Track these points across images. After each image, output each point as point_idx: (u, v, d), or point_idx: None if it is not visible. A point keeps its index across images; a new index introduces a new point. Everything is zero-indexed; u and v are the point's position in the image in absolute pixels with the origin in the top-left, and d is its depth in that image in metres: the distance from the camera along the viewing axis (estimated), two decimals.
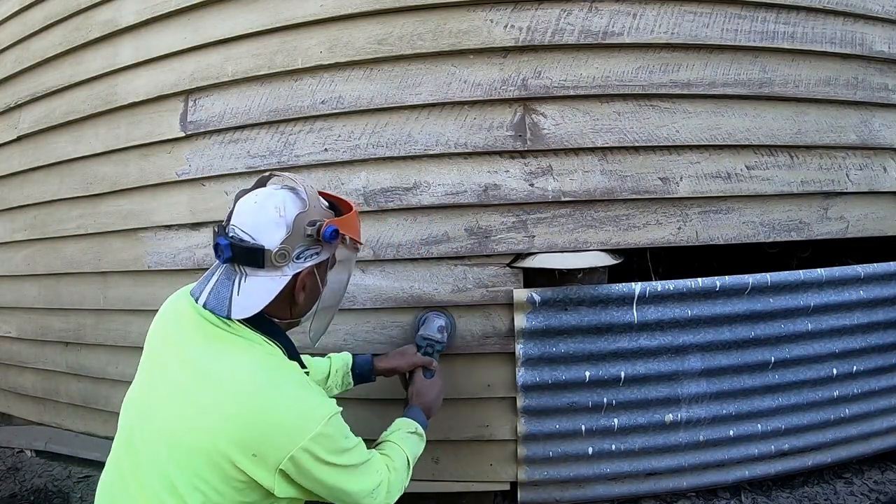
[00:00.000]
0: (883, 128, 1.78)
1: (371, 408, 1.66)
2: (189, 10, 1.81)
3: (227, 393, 0.87)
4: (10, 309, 2.48)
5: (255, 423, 0.85)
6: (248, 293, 0.91)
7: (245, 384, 0.87)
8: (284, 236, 0.92)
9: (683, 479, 1.78)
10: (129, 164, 1.97)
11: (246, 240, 0.92)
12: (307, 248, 0.95)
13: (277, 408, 0.87)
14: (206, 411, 0.87)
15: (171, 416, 0.90)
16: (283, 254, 0.91)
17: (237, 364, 0.90)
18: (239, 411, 0.85)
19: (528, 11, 1.59)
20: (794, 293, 1.70)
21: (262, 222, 0.92)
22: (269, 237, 0.91)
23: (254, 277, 0.92)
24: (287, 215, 0.93)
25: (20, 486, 2.22)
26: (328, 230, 0.94)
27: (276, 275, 0.92)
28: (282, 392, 0.89)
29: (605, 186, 1.61)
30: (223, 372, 0.89)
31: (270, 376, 0.90)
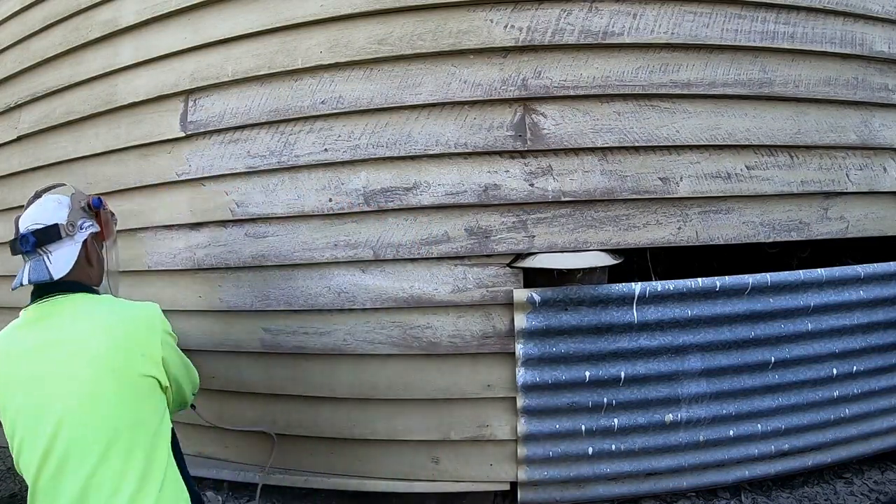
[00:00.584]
0: (883, 128, 1.78)
1: None
2: (189, 10, 1.81)
3: (94, 326, 1.06)
4: (10, 309, 2.47)
5: (128, 332, 1.07)
6: (57, 259, 1.13)
7: (100, 314, 1.09)
8: (67, 212, 1.17)
9: (683, 479, 1.78)
10: (129, 164, 1.97)
11: (39, 226, 1.14)
12: (85, 220, 1.20)
13: (132, 313, 1.12)
14: (90, 350, 1.03)
15: (70, 384, 1.02)
16: (72, 223, 1.16)
17: (82, 310, 1.10)
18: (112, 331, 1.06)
19: (528, 11, 1.59)
20: (794, 293, 1.70)
21: (47, 210, 1.16)
22: (56, 217, 1.15)
23: (57, 250, 1.13)
24: (62, 201, 1.19)
25: (20, 486, 2.22)
26: (95, 200, 1.24)
27: (71, 243, 1.15)
28: (125, 304, 1.14)
29: (605, 186, 1.61)
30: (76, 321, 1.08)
31: (108, 301, 1.15)
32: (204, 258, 1.83)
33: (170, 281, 1.91)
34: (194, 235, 1.86)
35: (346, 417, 1.77)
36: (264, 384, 1.81)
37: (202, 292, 1.85)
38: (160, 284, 1.93)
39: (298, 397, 1.80)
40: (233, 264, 1.79)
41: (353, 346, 1.71)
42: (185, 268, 1.87)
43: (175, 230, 1.90)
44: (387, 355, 1.70)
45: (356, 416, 1.76)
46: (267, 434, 1.82)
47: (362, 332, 1.71)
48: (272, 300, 1.76)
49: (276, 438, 1.77)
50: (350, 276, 1.69)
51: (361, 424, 1.76)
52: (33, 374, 1.04)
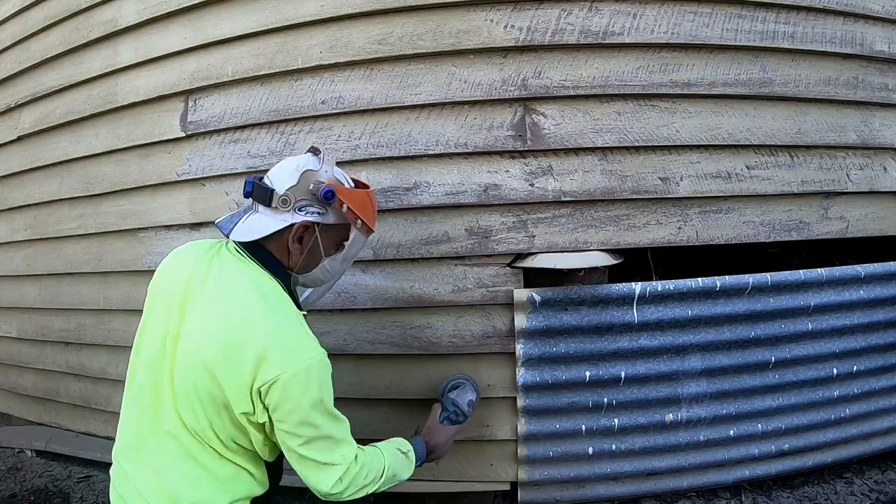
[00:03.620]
0: (883, 127, 1.78)
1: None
2: (189, 10, 1.81)
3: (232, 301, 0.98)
4: (10, 309, 2.48)
5: (259, 339, 0.93)
6: (250, 223, 1.05)
7: (253, 297, 0.98)
8: (291, 185, 1.05)
9: (684, 479, 1.78)
10: (130, 164, 1.97)
11: (265, 182, 1.07)
12: (310, 204, 1.06)
13: (280, 330, 0.96)
14: (210, 324, 0.97)
15: (191, 338, 0.99)
16: (286, 199, 1.04)
17: (249, 280, 1.01)
18: (245, 317, 0.96)
19: (528, 11, 1.59)
20: (795, 293, 1.70)
21: (281, 171, 1.07)
22: (280, 183, 1.05)
23: (259, 214, 1.06)
24: (300, 168, 1.06)
25: (20, 486, 2.22)
26: (324, 190, 1.05)
27: (277, 216, 1.05)
28: (283, 318, 0.99)
29: (605, 186, 1.61)
30: (233, 287, 1.00)
31: (272, 302, 1.01)
32: None
33: None
34: (194, 236, 1.86)
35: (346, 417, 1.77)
36: None
37: None
38: None
39: None
40: None
41: (353, 345, 1.71)
42: None
43: (175, 230, 1.90)
44: (387, 355, 1.71)
45: (356, 416, 1.76)
46: None
47: (363, 332, 1.71)
48: None
49: None
50: (350, 275, 1.69)
51: (361, 424, 1.75)
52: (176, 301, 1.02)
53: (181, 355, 0.99)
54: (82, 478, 2.24)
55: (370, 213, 1.16)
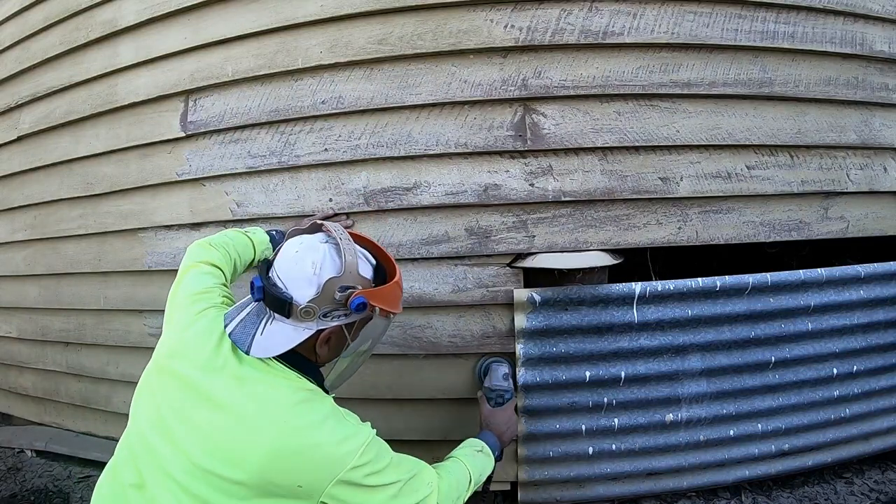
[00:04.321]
0: (883, 127, 1.78)
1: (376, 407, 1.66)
2: (189, 10, 1.81)
3: (263, 426, 0.89)
4: (10, 309, 2.48)
5: (291, 455, 0.88)
6: (271, 336, 0.94)
7: (280, 417, 0.90)
8: (313, 295, 0.94)
9: (684, 479, 1.78)
10: (130, 164, 1.97)
11: (279, 287, 0.95)
12: (335, 310, 0.96)
13: (313, 439, 0.90)
14: (241, 446, 0.88)
15: (200, 450, 0.90)
16: (309, 311, 0.94)
17: (270, 398, 0.92)
18: (276, 441, 0.88)
19: (528, 11, 1.59)
20: (795, 293, 1.70)
21: (297, 275, 0.95)
22: (299, 291, 0.94)
23: (279, 323, 0.95)
24: (321, 275, 0.95)
25: (20, 486, 2.22)
26: (356, 301, 0.95)
27: (300, 326, 0.95)
28: (317, 423, 0.92)
29: (605, 186, 1.61)
30: (256, 407, 0.91)
31: (304, 409, 0.93)
32: None
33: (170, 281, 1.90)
34: (195, 235, 1.86)
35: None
36: None
37: None
38: (160, 284, 1.93)
39: None
40: None
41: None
42: None
43: (175, 230, 1.90)
44: (387, 355, 1.70)
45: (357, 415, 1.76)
46: None
47: None
48: None
49: None
50: None
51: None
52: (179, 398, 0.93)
53: (175, 463, 0.91)
54: (82, 478, 2.24)
55: (399, 302, 1.07)
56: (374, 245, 1.12)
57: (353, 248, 1.01)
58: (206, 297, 1.10)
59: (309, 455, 0.89)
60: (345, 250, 0.98)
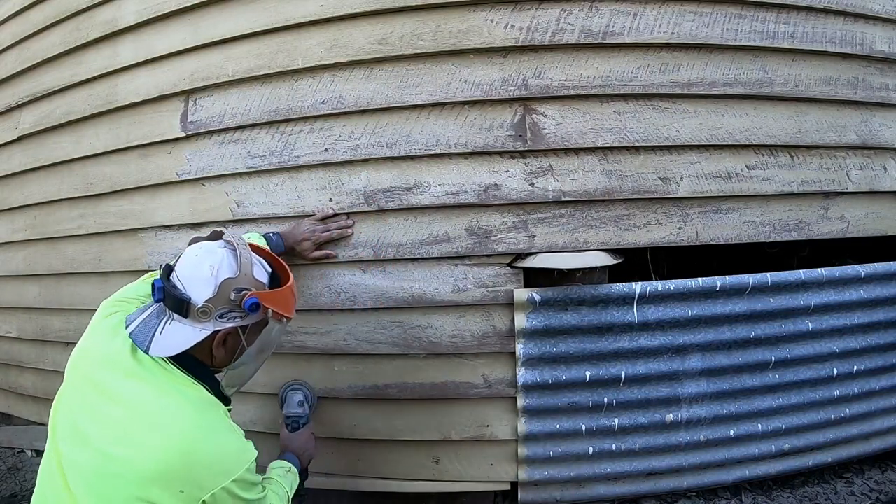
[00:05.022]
0: (883, 127, 1.78)
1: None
2: (189, 10, 1.81)
3: (155, 430, 0.93)
4: (10, 309, 2.48)
5: (182, 462, 0.91)
6: (169, 336, 0.99)
7: (174, 423, 0.94)
8: (210, 295, 0.99)
9: (684, 479, 1.78)
10: (130, 164, 1.97)
11: (178, 288, 1.00)
12: (230, 311, 1.01)
13: (205, 449, 0.94)
14: (136, 446, 0.92)
15: (98, 446, 0.94)
16: (205, 311, 0.98)
17: (169, 403, 0.96)
18: (168, 450, 0.91)
19: (528, 11, 1.59)
20: (795, 293, 1.70)
21: (195, 277, 1.00)
22: (197, 292, 0.99)
23: (178, 323, 0.99)
24: (218, 276, 1.00)
25: (20, 486, 2.22)
26: (248, 301, 1.01)
27: (198, 327, 1.00)
28: (209, 434, 0.96)
29: (605, 186, 1.61)
30: (154, 409, 0.95)
31: (201, 418, 0.97)
32: None
33: None
34: (195, 235, 1.86)
35: (346, 417, 1.77)
36: (264, 384, 1.81)
37: None
38: None
39: None
40: None
41: (353, 345, 1.71)
42: None
43: (175, 230, 1.90)
44: (387, 355, 1.71)
45: (357, 415, 1.76)
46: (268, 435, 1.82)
47: (363, 332, 1.71)
48: None
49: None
50: (350, 275, 1.69)
51: (362, 424, 1.76)
52: (93, 393, 0.98)
53: (91, 465, 0.94)
54: None
55: (292, 307, 1.13)
56: (272, 256, 1.20)
57: (249, 253, 1.07)
58: (119, 304, 1.15)
59: (200, 463, 0.93)
60: (241, 254, 1.04)
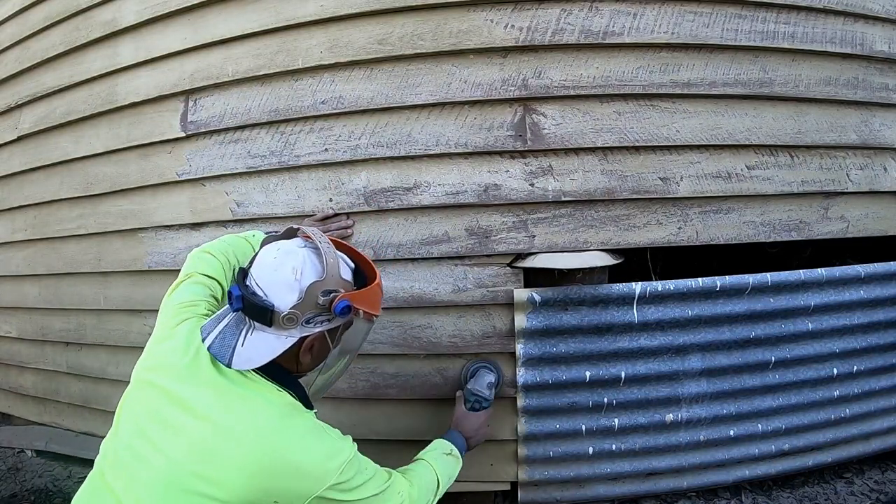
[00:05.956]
0: (883, 127, 1.78)
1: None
2: (189, 10, 1.81)
3: (244, 443, 0.87)
4: (10, 309, 2.48)
5: (273, 474, 0.86)
6: (252, 346, 0.91)
7: (262, 434, 0.88)
8: (296, 301, 0.92)
9: (684, 479, 1.78)
10: (130, 164, 1.97)
11: (259, 295, 0.92)
12: (318, 315, 0.94)
13: (296, 457, 0.89)
14: (221, 461, 0.87)
15: (179, 462, 0.88)
16: (292, 318, 0.91)
17: (252, 413, 0.90)
18: (258, 461, 0.86)
19: (528, 11, 1.59)
20: (795, 293, 1.70)
21: (277, 282, 0.93)
22: (280, 298, 0.92)
23: (261, 333, 0.92)
24: (302, 280, 0.93)
25: (21, 486, 2.22)
26: (340, 305, 0.94)
27: (283, 335, 0.92)
28: (299, 441, 0.90)
29: (605, 186, 1.61)
30: (237, 421, 0.89)
31: (286, 425, 0.91)
32: None
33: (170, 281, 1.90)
34: (195, 235, 1.86)
35: (346, 417, 1.77)
36: None
37: None
38: (161, 285, 1.93)
39: None
40: None
41: None
42: None
43: (175, 230, 1.90)
44: (387, 355, 1.70)
45: (357, 415, 1.76)
46: None
47: None
48: None
49: None
50: None
51: (362, 424, 1.76)
52: (168, 403, 0.91)
53: (163, 475, 0.88)
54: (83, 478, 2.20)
55: (379, 304, 1.06)
56: (351, 249, 1.11)
57: (333, 251, 0.99)
58: (189, 309, 1.07)
59: (290, 472, 0.88)
60: (325, 254, 0.96)
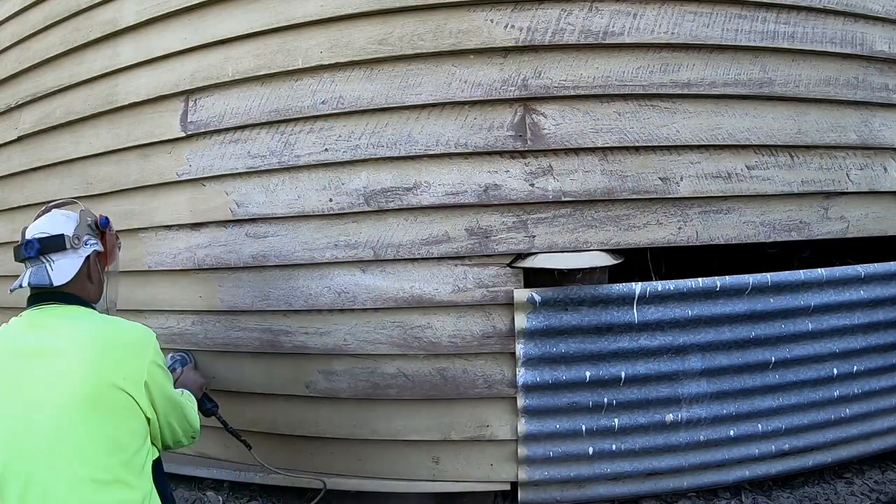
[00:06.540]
0: (883, 127, 1.78)
1: None
2: (189, 10, 1.81)
3: (77, 340, 1.06)
4: (10, 309, 2.47)
5: (111, 349, 1.07)
6: (59, 268, 1.15)
7: (88, 328, 1.10)
8: (75, 226, 1.21)
9: (684, 479, 1.77)
10: (130, 164, 1.97)
11: (47, 234, 1.17)
12: (90, 237, 1.24)
13: (121, 331, 1.13)
14: (68, 365, 1.03)
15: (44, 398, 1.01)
16: (77, 237, 1.19)
17: (74, 322, 1.11)
18: (94, 345, 1.06)
19: (528, 11, 1.59)
20: (795, 293, 1.70)
21: (56, 222, 1.20)
22: (63, 229, 1.19)
23: (60, 260, 1.16)
24: (71, 215, 1.23)
25: None
26: (102, 219, 1.29)
27: (74, 255, 1.18)
28: (116, 322, 1.17)
29: (605, 186, 1.61)
30: (64, 332, 1.08)
31: (101, 317, 1.17)
32: (204, 258, 1.83)
33: (170, 281, 1.91)
34: (195, 235, 1.86)
35: (346, 417, 1.77)
36: (264, 384, 1.82)
37: (202, 292, 1.85)
38: (160, 285, 1.93)
39: (299, 397, 1.80)
40: (233, 264, 1.79)
41: (353, 346, 1.71)
42: (185, 268, 1.87)
43: (175, 230, 1.90)
44: (387, 355, 1.70)
45: (357, 416, 1.76)
46: (268, 435, 1.82)
47: (363, 332, 1.71)
48: (272, 300, 1.76)
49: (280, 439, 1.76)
50: (350, 276, 1.69)
51: (362, 424, 1.76)
52: (15, 381, 1.04)
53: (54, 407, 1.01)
54: None
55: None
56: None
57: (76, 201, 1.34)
58: None
59: (123, 341, 1.10)
60: (72, 202, 1.31)
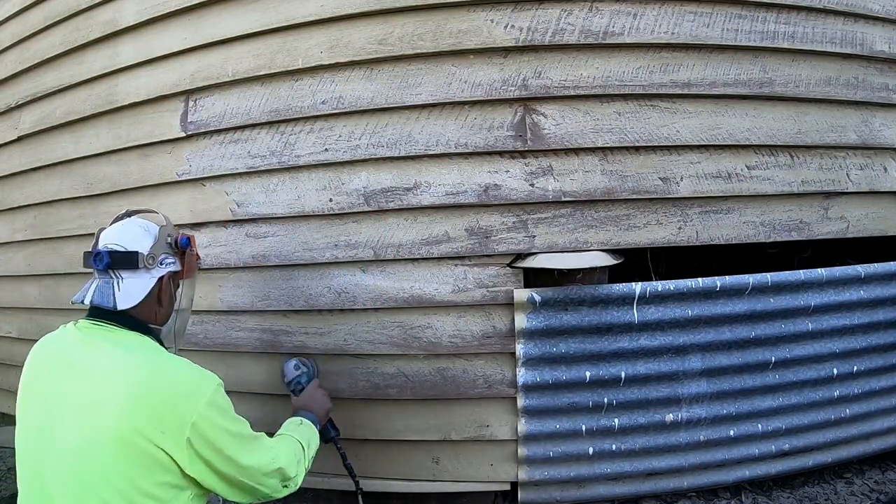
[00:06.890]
0: (883, 127, 1.78)
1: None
2: (189, 10, 1.81)
3: (118, 380, 0.97)
4: (11, 309, 2.48)
5: (151, 398, 0.96)
6: (127, 290, 1.07)
7: (132, 368, 0.99)
8: (152, 244, 1.12)
9: (684, 479, 1.78)
10: (130, 164, 1.97)
11: (120, 249, 1.09)
12: (167, 256, 1.15)
13: (168, 378, 1.00)
14: (104, 404, 0.95)
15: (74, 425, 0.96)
16: (153, 257, 1.11)
17: (121, 354, 1.01)
18: (134, 391, 0.95)
19: (528, 11, 1.59)
20: (795, 293, 1.70)
21: (131, 236, 1.11)
22: (140, 245, 1.10)
23: (129, 279, 1.08)
24: (151, 229, 1.14)
25: None
26: (183, 239, 1.19)
27: (147, 276, 1.11)
28: (168, 365, 1.03)
29: (605, 186, 1.61)
30: (108, 364, 0.99)
31: (154, 356, 1.04)
32: (204, 258, 1.83)
33: None
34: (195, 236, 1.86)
35: (346, 417, 1.77)
36: (264, 384, 1.82)
37: (202, 292, 1.85)
38: None
39: None
40: (233, 264, 1.79)
41: (353, 346, 1.71)
42: None
43: None
44: (387, 355, 1.71)
45: (357, 416, 1.76)
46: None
47: (363, 333, 1.71)
48: (273, 300, 1.76)
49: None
50: (350, 276, 1.69)
51: (362, 424, 1.76)
52: (51, 391, 1.02)
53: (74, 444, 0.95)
54: None
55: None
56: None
57: (157, 211, 1.26)
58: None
59: (167, 390, 0.97)
60: (153, 212, 1.23)
